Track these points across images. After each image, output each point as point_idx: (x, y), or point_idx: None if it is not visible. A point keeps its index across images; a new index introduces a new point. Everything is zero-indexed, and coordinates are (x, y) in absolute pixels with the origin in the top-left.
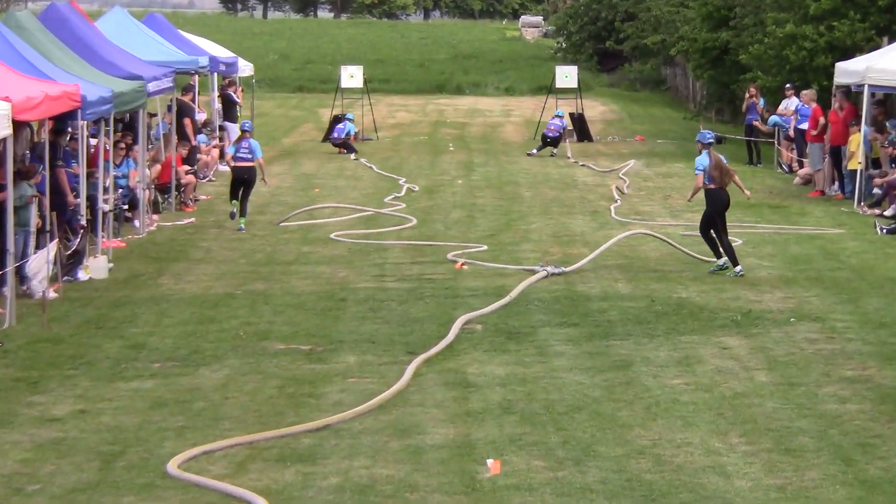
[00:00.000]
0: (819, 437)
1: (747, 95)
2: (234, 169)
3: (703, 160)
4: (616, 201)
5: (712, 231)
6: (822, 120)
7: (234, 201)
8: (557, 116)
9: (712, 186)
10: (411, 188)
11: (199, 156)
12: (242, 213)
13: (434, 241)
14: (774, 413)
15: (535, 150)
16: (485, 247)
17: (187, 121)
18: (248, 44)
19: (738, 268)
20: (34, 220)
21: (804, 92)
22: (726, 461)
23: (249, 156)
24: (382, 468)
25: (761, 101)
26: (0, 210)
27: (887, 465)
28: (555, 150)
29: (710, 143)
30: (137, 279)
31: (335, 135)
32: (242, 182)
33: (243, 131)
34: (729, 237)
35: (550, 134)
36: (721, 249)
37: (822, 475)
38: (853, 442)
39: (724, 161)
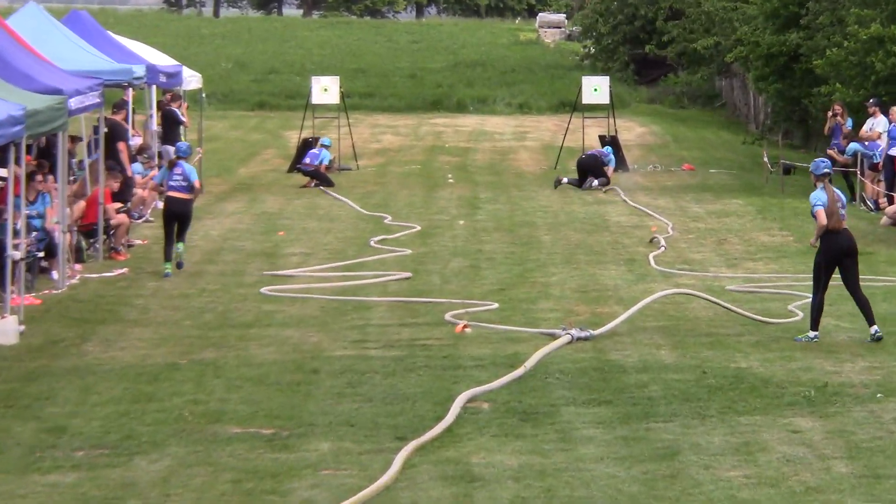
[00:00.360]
0: None
1: (830, 114)
2: (167, 201)
3: (820, 195)
4: (660, 247)
5: (824, 286)
6: None
7: (167, 262)
8: (607, 149)
9: (831, 227)
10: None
11: (134, 190)
12: (168, 257)
13: (429, 298)
14: None
15: (565, 180)
16: (494, 304)
17: (121, 145)
18: (196, 49)
19: (814, 333)
20: None
21: (894, 108)
22: None
23: (185, 184)
24: None
25: (848, 123)
26: None
27: None
28: (595, 183)
29: (825, 175)
30: (56, 345)
31: (307, 160)
32: (177, 217)
33: (177, 156)
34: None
35: (583, 158)
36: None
37: None
38: None
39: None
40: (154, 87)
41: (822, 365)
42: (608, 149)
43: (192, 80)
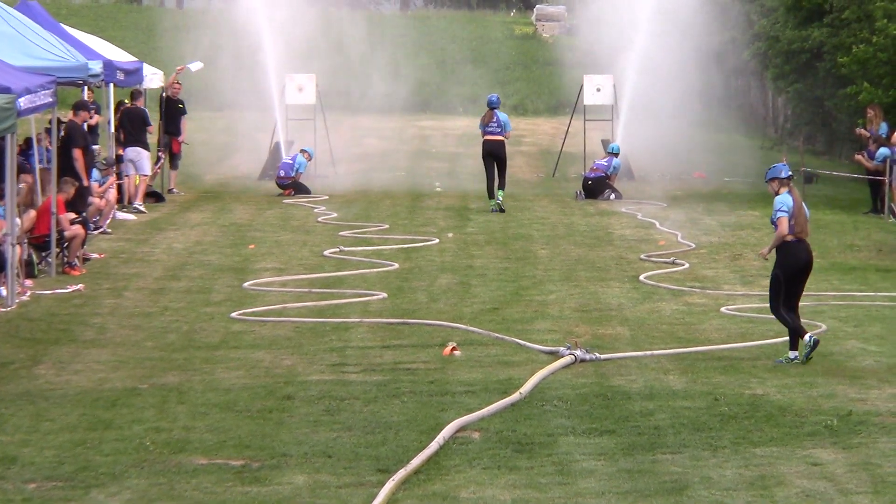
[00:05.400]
0: None
1: (868, 116)
2: None
3: (786, 200)
4: (681, 265)
5: (782, 302)
6: None
7: None
8: (611, 153)
9: (790, 237)
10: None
11: (90, 199)
12: None
13: (413, 320)
14: None
15: (580, 195)
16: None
17: (76, 153)
18: (157, 43)
19: (794, 354)
20: None
21: None
22: None
23: None
24: None
25: (882, 128)
26: None
27: None
28: (612, 197)
29: (790, 178)
30: (5, 368)
31: (282, 172)
32: None
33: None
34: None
35: (589, 175)
36: (794, 321)
37: None
38: None
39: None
40: (112, 85)
41: (845, 392)
42: (612, 146)
43: (153, 77)
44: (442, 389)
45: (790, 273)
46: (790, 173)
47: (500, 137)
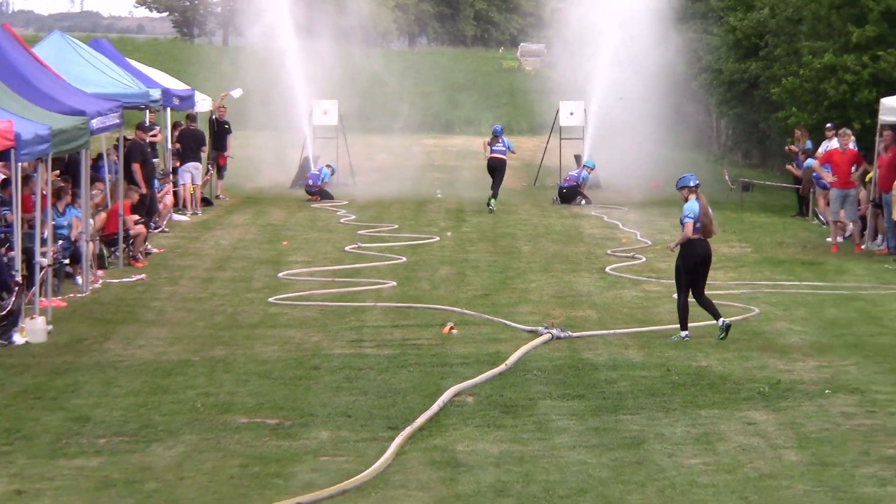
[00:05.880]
0: None
1: (796, 135)
2: None
3: (693, 206)
4: (623, 258)
5: (686, 288)
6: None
7: None
8: (586, 167)
9: (696, 237)
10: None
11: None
12: None
13: (418, 304)
14: (805, 497)
15: (556, 201)
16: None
17: (135, 167)
18: (206, 74)
19: (685, 332)
20: None
21: (840, 131)
22: None
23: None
24: None
25: (808, 144)
26: None
27: None
28: (583, 202)
29: (697, 186)
30: (80, 343)
31: (310, 182)
32: None
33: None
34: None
35: (564, 185)
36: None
37: None
38: None
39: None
40: (168, 109)
41: (775, 364)
42: (589, 161)
43: (202, 102)
44: (442, 361)
45: (690, 265)
46: (697, 182)
47: (502, 156)
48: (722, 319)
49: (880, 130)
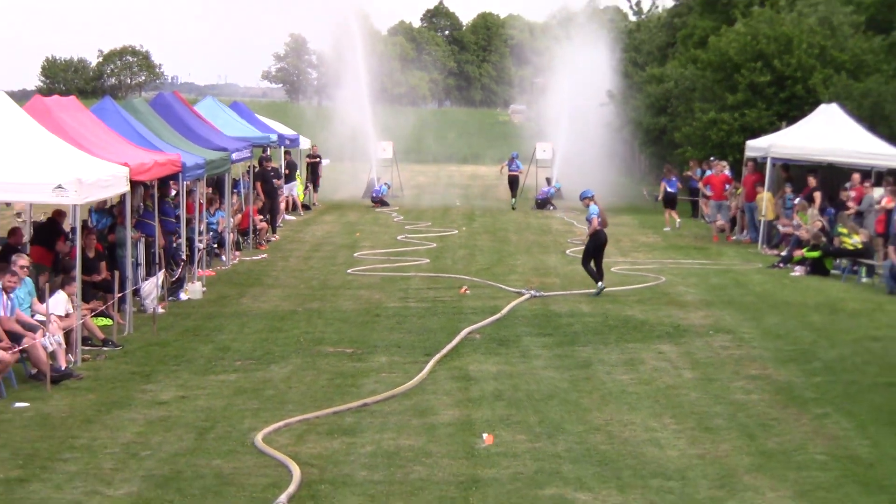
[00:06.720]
0: (730, 419)
1: (690, 165)
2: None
3: (594, 209)
4: (577, 245)
5: (592, 262)
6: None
7: None
8: (555, 188)
9: (599, 227)
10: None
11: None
12: None
13: (445, 273)
14: (697, 401)
15: (534, 207)
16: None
17: (258, 185)
18: (306, 124)
19: (601, 284)
20: (129, 255)
21: (713, 162)
22: (660, 436)
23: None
24: (405, 440)
25: (698, 172)
26: (113, 247)
27: (781, 440)
28: (552, 208)
29: (592, 196)
30: (224, 299)
31: (374, 194)
32: None
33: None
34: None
35: (539, 197)
36: (598, 273)
37: (732, 447)
38: (755, 423)
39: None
40: (282, 147)
41: (677, 314)
42: (557, 185)
43: (305, 143)
44: (459, 311)
45: (596, 245)
46: (593, 193)
47: (518, 172)
48: (601, 283)
49: (746, 161)
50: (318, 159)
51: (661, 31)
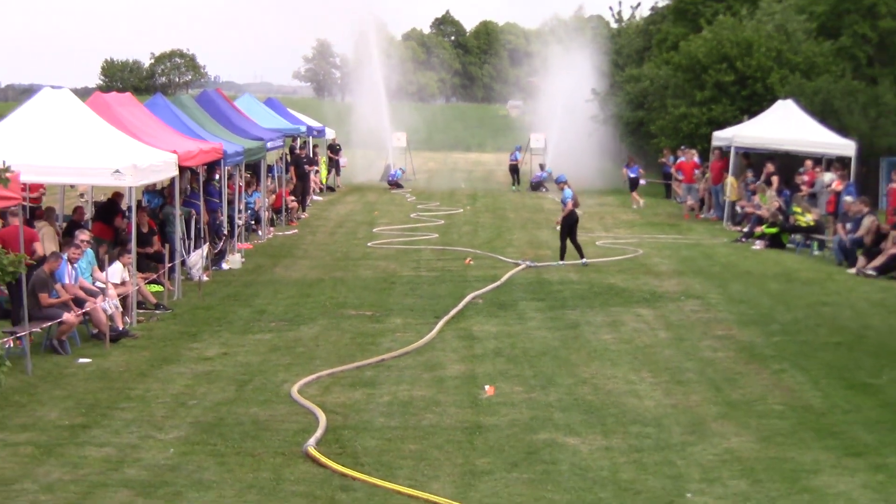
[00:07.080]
0: (699, 374)
1: (664, 153)
2: None
3: (568, 192)
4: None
5: (564, 238)
6: (697, 171)
7: None
8: (547, 172)
9: (573, 209)
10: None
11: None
12: None
13: (451, 247)
14: (670, 357)
15: (529, 189)
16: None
17: (291, 169)
18: (332, 117)
19: (584, 259)
20: (177, 230)
21: (681, 151)
22: (639, 388)
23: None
24: (418, 391)
25: (671, 158)
26: (163, 224)
27: (744, 393)
28: (545, 190)
29: (566, 181)
30: (260, 269)
31: (390, 178)
32: None
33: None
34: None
35: (533, 180)
36: (577, 249)
37: (701, 398)
38: (721, 377)
39: None
40: (310, 137)
41: (653, 281)
42: (549, 170)
43: (330, 133)
44: (464, 279)
45: (569, 224)
46: (566, 178)
47: (517, 162)
48: (584, 259)
49: (713, 150)
50: (338, 147)
51: (638, 37)
